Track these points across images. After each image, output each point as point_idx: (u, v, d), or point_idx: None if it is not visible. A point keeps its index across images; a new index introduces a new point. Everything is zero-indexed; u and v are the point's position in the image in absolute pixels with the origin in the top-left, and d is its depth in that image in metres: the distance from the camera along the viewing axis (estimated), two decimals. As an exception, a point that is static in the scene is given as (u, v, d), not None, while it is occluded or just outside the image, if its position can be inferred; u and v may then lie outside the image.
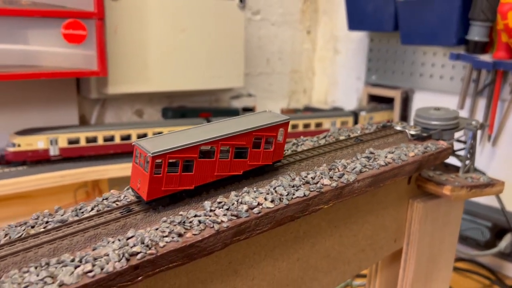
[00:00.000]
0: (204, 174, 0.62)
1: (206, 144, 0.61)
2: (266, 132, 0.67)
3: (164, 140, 0.60)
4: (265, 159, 0.69)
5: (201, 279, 0.66)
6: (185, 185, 0.61)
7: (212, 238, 0.56)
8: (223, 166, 0.64)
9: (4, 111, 1.50)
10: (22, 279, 0.47)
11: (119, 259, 0.50)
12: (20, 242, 0.53)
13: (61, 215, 0.60)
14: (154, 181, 0.57)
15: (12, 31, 1.18)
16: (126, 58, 1.49)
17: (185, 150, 0.59)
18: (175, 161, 0.59)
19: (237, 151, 0.65)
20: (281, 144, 0.71)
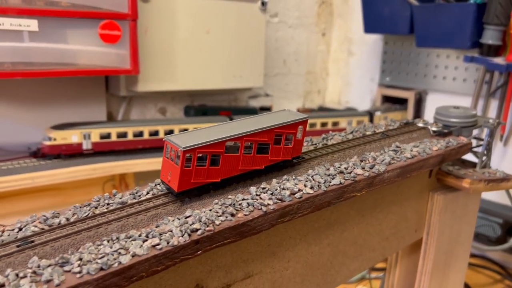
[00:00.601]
0: (230, 168, 0.65)
1: (231, 140, 0.64)
2: (286, 129, 0.70)
3: (192, 136, 0.63)
4: (285, 155, 0.72)
5: (244, 259, 0.71)
6: (212, 178, 0.64)
7: (260, 219, 0.61)
8: (247, 161, 0.67)
9: (38, 107, 1.56)
10: (98, 251, 0.52)
11: (182, 235, 0.55)
12: (90, 220, 0.58)
13: (120, 198, 0.66)
14: (184, 173, 0.60)
15: (53, 31, 1.24)
16: (155, 57, 1.55)
17: (213, 146, 0.62)
18: (203, 156, 0.62)
19: (260, 147, 0.68)
20: (299, 141, 0.73)
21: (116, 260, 0.50)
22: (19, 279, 0.48)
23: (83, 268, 0.49)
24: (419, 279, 1.03)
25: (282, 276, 0.77)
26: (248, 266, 0.72)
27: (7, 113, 1.52)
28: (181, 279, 0.64)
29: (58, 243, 0.54)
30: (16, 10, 1.15)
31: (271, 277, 0.75)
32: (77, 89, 1.63)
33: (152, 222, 0.59)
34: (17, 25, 1.16)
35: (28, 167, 1.36)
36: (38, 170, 1.36)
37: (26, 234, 0.56)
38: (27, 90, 1.53)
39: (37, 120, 1.56)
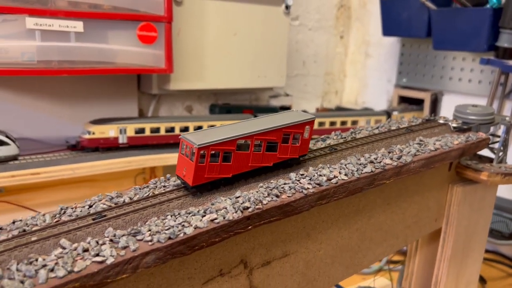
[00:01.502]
0: (240, 165, 0.69)
1: (242, 139, 0.68)
2: (294, 129, 0.73)
3: (206, 134, 0.66)
4: (293, 153, 0.75)
5: (282, 239, 0.77)
6: (224, 174, 0.67)
7: (302, 200, 0.67)
8: (257, 158, 0.70)
9: (76, 103, 1.64)
10: (163, 224, 0.59)
11: (235, 211, 0.61)
12: (152, 198, 0.65)
13: (174, 181, 0.72)
14: (198, 169, 0.64)
15: (96, 32, 1.31)
16: (186, 58, 1.62)
17: (225, 143, 0.65)
18: (216, 153, 0.65)
19: (269, 145, 0.71)
20: (306, 140, 0.76)
21: (181, 231, 0.57)
22: (100, 245, 0.54)
23: (154, 237, 0.56)
24: (438, 266, 1.09)
25: (315, 256, 0.83)
26: (285, 246, 0.78)
27: (47, 109, 1.60)
28: (228, 254, 0.70)
29: (128, 217, 0.60)
30: (64, 12, 1.22)
31: (305, 257, 0.81)
32: (112, 87, 1.71)
33: (207, 201, 0.66)
34: (65, 26, 1.23)
35: (69, 159, 1.44)
36: (78, 162, 1.43)
37: (97, 210, 0.63)
38: (66, 87, 1.61)
39: (74, 116, 1.64)
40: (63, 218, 0.61)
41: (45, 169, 1.35)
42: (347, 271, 0.90)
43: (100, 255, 0.52)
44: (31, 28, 1.19)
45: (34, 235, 0.56)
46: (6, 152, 1.31)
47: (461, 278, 1.12)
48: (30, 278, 0.48)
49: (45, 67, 1.25)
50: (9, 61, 1.21)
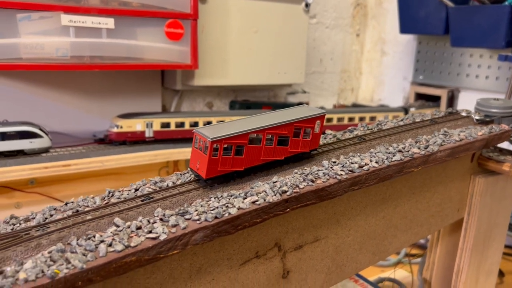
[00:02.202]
0: (252, 158, 0.70)
1: (254, 133, 0.69)
2: (304, 123, 0.74)
3: (219, 128, 0.68)
4: (303, 147, 0.75)
5: (314, 224, 0.80)
6: (236, 167, 0.68)
7: (335, 185, 0.70)
8: (268, 152, 0.71)
9: (102, 98, 1.68)
10: (208, 205, 0.62)
11: (274, 194, 0.64)
12: (195, 182, 0.68)
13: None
14: (211, 162, 0.65)
15: (126, 28, 1.35)
16: (210, 54, 1.65)
17: (237, 137, 0.66)
18: (228, 146, 0.66)
19: (280, 139, 0.72)
20: (317, 135, 0.77)
21: (226, 211, 0.60)
22: (151, 224, 0.58)
23: (201, 217, 0.59)
24: (460, 256, 1.11)
25: (343, 242, 0.86)
26: (317, 231, 0.81)
27: (76, 103, 1.64)
28: (264, 237, 0.73)
29: (174, 199, 0.64)
30: (96, 9, 1.26)
31: (335, 242, 0.84)
32: (137, 83, 1.75)
33: (247, 185, 0.69)
34: (97, 23, 1.27)
35: (98, 152, 1.48)
36: (107, 154, 1.47)
37: (144, 193, 0.66)
38: (94, 83, 1.65)
39: (101, 111, 1.68)
40: (112, 200, 0.65)
41: (75, 161, 1.40)
42: (373, 257, 0.92)
43: (153, 232, 0.55)
44: (66, 24, 1.24)
45: (88, 215, 0.60)
46: (40, 145, 1.35)
47: (482, 268, 1.13)
48: (91, 252, 0.52)
49: (78, 62, 1.29)
50: (45, 57, 1.25)
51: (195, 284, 0.66)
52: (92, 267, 0.50)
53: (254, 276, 0.74)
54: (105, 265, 0.51)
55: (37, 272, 0.48)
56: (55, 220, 0.58)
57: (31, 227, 0.57)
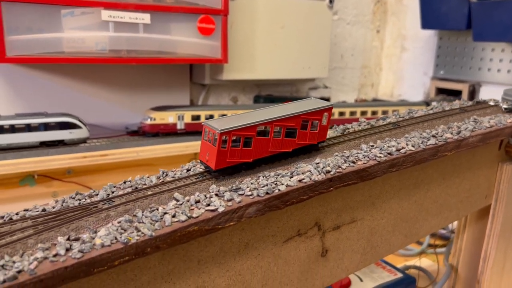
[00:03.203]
0: (260, 150, 0.70)
1: (262, 125, 0.69)
2: (312, 115, 0.74)
3: (228, 121, 0.68)
4: (311, 139, 0.75)
5: (351, 206, 0.83)
6: (245, 158, 0.68)
7: (375, 167, 0.73)
8: (276, 144, 0.71)
9: (134, 92, 1.73)
10: (258, 183, 0.66)
11: (319, 173, 0.68)
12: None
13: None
14: (220, 153, 0.65)
15: (161, 24, 1.39)
16: (238, 49, 1.69)
17: (246, 129, 0.66)
18: (237, 138, 0.66)
19: (288, 131, 0.72)
20: (325, 127, 0.77)
21: (276, 188, 0.64)
22: (208, 198, 0.61)
23: (253, 192, 0.62)
24: (487, 242, 1.13)
25: (378, 224, 0.89)
26: (353, 212, 0.84)
27: (108, 97, 1.69)
28: (305, 216, 0.76)
29: (226, 177, 0.68)
30: (134, 5, 1.31)
31: (370, 224, 0.87)
32: (167, 78, 1.80)
33: (291, 166, 0.72)
34: (134, 18, 1.32)
35: (132, 143, 1.53)
36: (140, 145, 1.52)
37: (196, 172, 0.70)
38: (126, 77, 1.70)
39: (132, 104, 1.74)
40: (167, 179, 0.69)
41: (112, 151, 1.45)
42: (405, 240, 0.95)
43: (211, 205, 0.59)
44: (106, 20, 1.28)
45: (148, 191, 0.64)
46: (79, 135, 1.40)
47: (509, 253, 1.16)
48: (156, 222, 0.56)
49: (115, 56, 1.34)
50: (85, 50, 1.30)
51: (242, 258, 0.70)
52: (159, 234, 0.54)
53: (295, 253, 0.77)
54: (171, 233, 0.55)
55: (111, 238, 0.52)
56: (118, 195, 0.63)
57: (98, 201, 0.61)
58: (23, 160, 1.30)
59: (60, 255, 0.49)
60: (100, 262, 0.50)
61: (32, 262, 0.48)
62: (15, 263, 0.47)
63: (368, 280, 1.24)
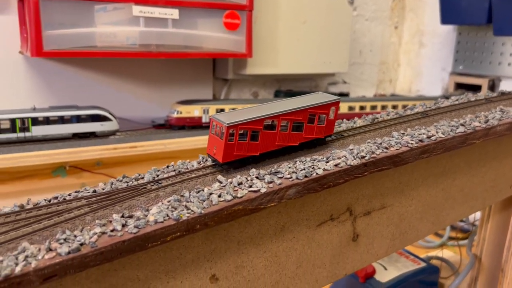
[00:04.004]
0: (267, 143, 0.69)
1: (269, 118, 0.69)
2: (319, 109, 0.74)
3: (235, 114, 0.68)
4: (318, 133, 0.75)
5: (381, 192, 0.85)
6: (252, 152, 0.68)
7: (407, 153, 0.75)
8: (283, 137, 0.71)
9: (159, 86, 1.77)
10: (295, 167, 0.68)
11: (354, 158, 0.70)
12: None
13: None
14: (228, 147, 0.65)
15: (188, 19, 1.42)
16: (261, 44, 1.72)
17: (252, 123, 0.67)
18: (244, 132, 0.67)
19: (295, 125, 0.72)
20: (332, 121, 0.76)
21: (313, 171, 0.66)
22: (250, 180, 0.64)
23: (292, 175, 0.65)
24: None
25: (407, 211, 0.90)
26: (384, 199, 0.86)
27: (134, 91, 1.73)
28: (337, 201, 0.79)
29: (265, 162, 0.70)
30: (163, 1, 1.34)
31: (399, 211, 0.89)
32: (191, 73, 1.83)
33: (327, 152, 0.75)
34: (163, 14, 1.35)
35: (159, 136, 1.56)
36: (168, 138, 1.55)
37: (234, 158, 0.73)
38: (151, 71, 1.73)
39: (157, 98, 1.77)
40: (207, 163, 0.72)
41: (141, 143, 1.48)
42: (432, 227, 0.97)
43: (253, 187, 0.62)
44: (136, 15, 1.32)
45: (192, 173, 0.66)
46: (109, 127, 1.44)
47: (533, 242, 1.16)
48: (204, 201, 0.58)
49: (145, 50, 1.37)
50: (116, 45, 1.33)
51: (278, 240, 0.72)
52: (208, 212, 0.56)
53: (328, 237, 0.79)
54: (218, 211, 0.57)
55: (163, 215, 0.55)
56: (164, 178, 0.65)
57: (145, 183, 0.64)
58: (57, 151, 1.34)
59: (117, 230, 0.52)
60: (154, 237, 0.53)
61: (92, 236, 0.50)
62: (77, 237, 0.50)
63: (392, 268, 1.25)
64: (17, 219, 0.55)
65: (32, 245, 0.49)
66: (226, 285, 0.68)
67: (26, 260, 0.47)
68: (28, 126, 1.31)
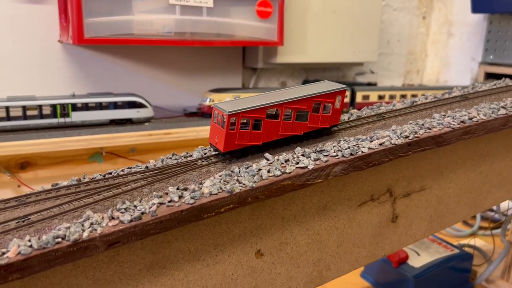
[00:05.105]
0: (270, 133, 0.68)
1: (272, 107, 0.67)
2: (324, 98, 0.71)
3: (237, 103, 0.66)
4: (323, 123, 0.72)
5: (420, 174, 0.85)
6: (254, 141, 0.66)
7: (450, 133, 0.75)
8: (286, 127, 0.69)
9: (190, 75, 1.79)
10: (339, 146, 0.69)
11: (398, 138, 0.70)
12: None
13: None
14: (229, 136, 0.64)
15: (222, 7, 1.44)
16: (292, 32, 1.72)
17: (255, 111, 0.65)
18: (246, 120, 0.65)
19: (299, 114, 0.70)
20: (338, 110, 0.74)
21: (358, 150, 0.67)
22: (296, 157, 0.65)
23: (338, 153, 0.66)
24: (548, 217, 1.13)
25: (445, 194, 0.90)
26: (423, 181, 0.86)
27: (167, 79, 1.75)
28: (378, 182, 0.79)
29: (308, 142, 0.71)
30: (198, -11, 1.36)
31: (438, 193, 0.89)
32: (221, 62, 1.84)
33: (369, 132, 0.75)
34: (198, 2, 1.37)
35: (192, 123, 1.58)
36: (200, 125, 1.57)
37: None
38: (183, 60, 1.75)
39: (189, 86, 1.79)
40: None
41: (175, 130, 1.50)
42: (470, 210, 0.96)
43: (300, 163, 0.63)
44: (173, 3, 1.34)
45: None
46: (145, 114, 1.47)
47: None
48: (253, 176, 0.60)
49: (180, 38, 1.39)
50: (152, 33, 1.36)
51: (321, 219, 0.73)
52: (259, 186, 0.58)
53: (368, 218, 0.80)
54: (269, 185, 0.59)
55: (217, 188, 0.56)
56: (213, 155, 0.67)
57: (196, 159, 0.66)
58: (95, 136, 1.38)
59: (174, 201, 0.54)
60: (209, 208, 0.55)
61: (152, 206, 0.52)
62: (137, 207, 0.53)
63: (425, 254, 1.25)
64: (77, 191, 0.57)
65: (95, 213, 0.51)
66: (270, 261, 0.70)
67: (92, 227, 0.49)
68: (68, 112, 1.35)
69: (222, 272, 0.64)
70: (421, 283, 1.18)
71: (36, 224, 0.50)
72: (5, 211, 0.53)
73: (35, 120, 1.32)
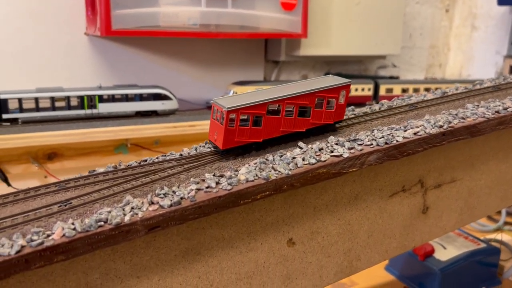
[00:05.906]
0: (271, 129, 0.65)
1: (273, 103, 0.64)
2: (328, 93, 0.69)
3: (238, 98, 0.64)
4: (327, 119, 0.70)
5: (451, 165, 0.84)
6: (254, 138, 0.64)
7: (484, 123, 0.74)
8: (288, 123, 0.66)
9: (213, 68, 1.79)
10: (373, 135, 0.68)
11: (432, 127, 0.69)
12: (358, 117, 0.75)
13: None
14: (228, 132, 0.61)
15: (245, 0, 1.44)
16: (315, 25, 1.71)
17: (255, 107, 0.62)
18: (246, 117, 0.62)
19: (301, 110, 0.67)
20: (342, 105, 0.71)
21: (393, 139, 0.66)
22: (331, 146, 0.65)
23: (373, 142, 0.65)
24: None
25: (476, 185, 0.89)
26: (454, 172, 0.85)
27: (189, 72, 1.76)
28: (410, 172, 0.78)
29: (341, 130, 0.71)
30: (224, -19, 1.36)
31: (469, 184, 0.88)
32: (243, 55, 1.84)
33: (402, 122, 0.74)
34: (223, -7, 1.37)
35: (215, 115, 1.58)
36: (223, 117, 1.57)
37: (310, 127, 0.73)
38: (206, 53, 1.76)
39: (211, 79, 1.80)
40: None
41: (199, 122, 1.51)
42: (501, 203, 0.95)
43: (335, 152, 0.62)
44: (198, -5, 1.34)
45: (271, 141, 0.68)
46: (170, 106, 1.48)
47: None
48: (288, 164, 0.60)
49: (205, 30, 1.39)
50: (178, 25, 1.36)
51: (352, 209, 0.73)
52: (294, 173, 0.58)
53: (399, 208, 0.79)
54: (304, 173, 0.58)
55: (253, 175, 0.56)
56: (252, 143, 0.67)
57: (229, 147, 0.66)
58: (121, 127, 1.39)
59: (211, 187, 0.54)
60: (245, 195, 0.55)
61: (190, 192, 0.53)
62: (176, 192, 0.53)
63: (452, 248, 1.24)
64: (115, 177, 0.58)
65: (135, 198, 0.52)
66: (302, 249, 0.69)
67: (133, 211, 0.49)
68: (95, 104, 1.36)
69: (255, 259, 0.64)
70: (448, 276, 1.16)
71: (78, 208, 0.50)
72: (46, 195, 0.54)
73: (63, 111, 1.34)
